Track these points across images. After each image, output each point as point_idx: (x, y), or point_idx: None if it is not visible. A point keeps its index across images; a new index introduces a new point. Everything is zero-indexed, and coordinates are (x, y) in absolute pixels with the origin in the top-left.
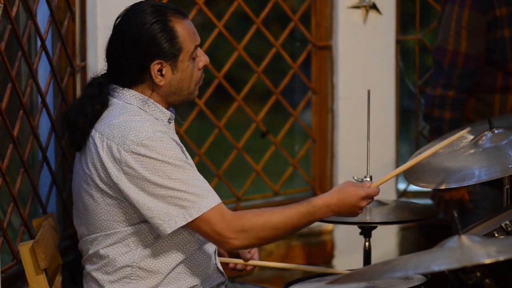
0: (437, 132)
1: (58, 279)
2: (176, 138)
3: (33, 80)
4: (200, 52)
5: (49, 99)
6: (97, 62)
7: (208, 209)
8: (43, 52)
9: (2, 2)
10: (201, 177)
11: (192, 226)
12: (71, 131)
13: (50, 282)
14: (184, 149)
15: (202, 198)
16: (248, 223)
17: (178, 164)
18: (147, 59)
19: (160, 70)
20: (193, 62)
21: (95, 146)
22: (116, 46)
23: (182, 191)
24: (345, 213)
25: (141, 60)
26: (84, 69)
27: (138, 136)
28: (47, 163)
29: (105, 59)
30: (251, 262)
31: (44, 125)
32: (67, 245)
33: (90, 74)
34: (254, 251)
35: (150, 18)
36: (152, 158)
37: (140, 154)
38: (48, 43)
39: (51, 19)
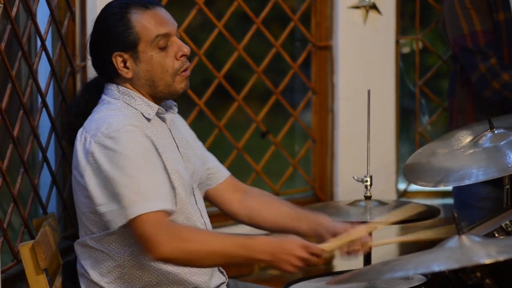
0: None
1: (58, 279)
2: (165, 134)
3: (33, 80)
4: (175, 41)
5: (49, 99)
6: None
7: (144, 212)
8: (43, 52)
9: (2, 2)
10: (161, 180)
11: (129, 227)
12: (69, 130)
13: (50, 282)
14: (164, 149)
15: (145, 200)
16: (180, 233)
17: (136, 159)
18: (106, 52)
19: (124, 62)
20: (162, 53)
21: (76, 140)
22: (88, 42)
23: (128, 188)
24: (282, 260)
25: (102, 53)
26: (84, 69)
27: (109, 128)
28: (47, 163)
29: None
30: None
31: (44, 125)
32: (67, 245)
33: (90, 74)
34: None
35: (110, 12)
36: (114, 150)
37: (105, 146)
38: (48, 43)
39: (51, 19)
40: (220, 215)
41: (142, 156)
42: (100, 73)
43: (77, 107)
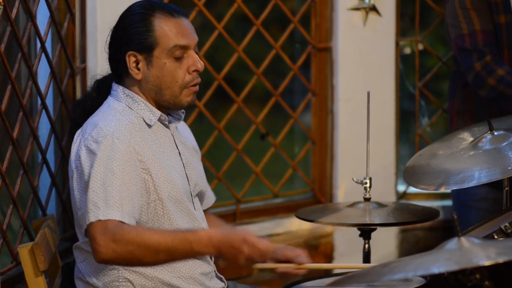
0: (510, 85)
1: (58, 281)
2: (165, 141)
3: (33, 82)
4: (191, 55)
5: (49, 101)
6: (97, 64)
7: (104, 218)
8: (43, 54)
9: (2, 3)
10: (131, 193)
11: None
12: (71, 122)
13: (50, 284)
14: (160, 157)
15: (108, 207)
16: (120, 234)
17: (112, 167)
18: (121, 49)
19: (137, 63)
20: (175, 63)
21: (73, 141)
22: (109, 35)
23: (96, 193)
24: (226, 254)
25: (116, 50)
26: (84, 70)
27: (98, 133)
28: (47, 165)
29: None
30: (304, 266)
31: (43, 127)
32: (67, 247)
33: (90, 76)
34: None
35: (134, 11)
36: (95, 154)
37: (90, 150)
38: (48, 45)
39: (51, 20)
40: (218, 217)
41: (120, 165)
42: (112, 69)
43: (83, 105)
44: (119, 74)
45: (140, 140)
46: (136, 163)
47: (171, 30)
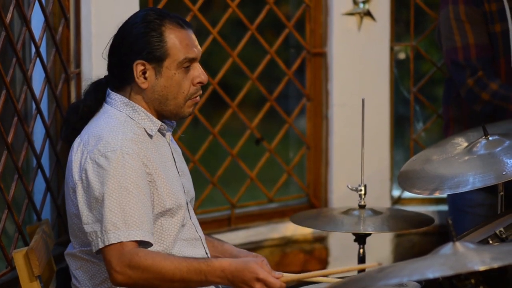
0: (505, 99)
1: (52, 286)
2: (164, 150)
3: (27, 86)
4: (197, 67)
5: (43, 106)
6: (91, 69)
7: (126, 240)
8: (38, 59)
9: None
10: (146, 209)
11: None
12: (65, 126)
13: None
14: (162, 168)
15: (128, 227)
16: (136, 261)
17: (126, 185)
18: (130, 57)
19: (144, 73)
20: (183, 74)
21: (72, 150)
22: (110, 45)
23: (113, 212)
24: (239, 287)
25: (124, 58)
26: (78, 75)
27: (106, 147)
28: (42, 170)
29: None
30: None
31: (38, 132)
32: (61, 252)
33: (85, 81)
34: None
35: (144, 19)
36: (106, 170)
37: (98, 164)
38: (43, 50)
39: (45, 25)
40: (213, 222)
41: (133, 182)
42: (113, 76)
43: (78, 109)
44: (121, 81)
45: (145, 152)
46: (145, 175)
47: (180, 42)
